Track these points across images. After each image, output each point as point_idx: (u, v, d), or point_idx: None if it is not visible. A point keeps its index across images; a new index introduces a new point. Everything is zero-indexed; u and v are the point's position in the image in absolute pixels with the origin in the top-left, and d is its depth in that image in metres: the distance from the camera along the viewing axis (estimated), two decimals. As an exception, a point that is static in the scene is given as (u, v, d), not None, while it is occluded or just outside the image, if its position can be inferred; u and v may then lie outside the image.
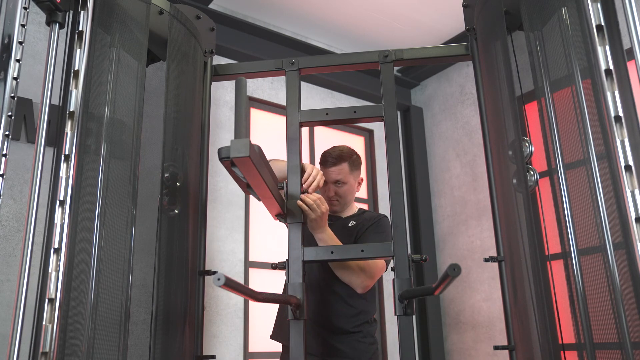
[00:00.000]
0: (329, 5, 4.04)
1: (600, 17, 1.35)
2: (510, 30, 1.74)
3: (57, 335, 1.31)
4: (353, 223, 2.15)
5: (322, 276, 2.07)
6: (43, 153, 1.41)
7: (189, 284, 1.75)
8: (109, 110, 1.56)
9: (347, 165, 2.12)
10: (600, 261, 1.28)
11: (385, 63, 2.04)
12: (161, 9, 1.78)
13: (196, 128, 1.94)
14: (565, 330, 1.43)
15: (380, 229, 2.10)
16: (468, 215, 4.37)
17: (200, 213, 1.91)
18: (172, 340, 1.63)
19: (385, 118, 1.96)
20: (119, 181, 1.54)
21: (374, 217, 2.17)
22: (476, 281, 4.22)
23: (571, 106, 1.41)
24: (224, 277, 1.12)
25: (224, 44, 3.79)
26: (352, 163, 2.14)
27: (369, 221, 2.13)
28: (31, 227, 1.35)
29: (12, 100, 1.39)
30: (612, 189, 1.28)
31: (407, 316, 1.73)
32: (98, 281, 1.41)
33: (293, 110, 2.01)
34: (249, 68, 2.16)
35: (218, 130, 3.74)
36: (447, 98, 4.72)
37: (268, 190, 1.64)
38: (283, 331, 2.04)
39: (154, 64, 1.86)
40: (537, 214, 1.51)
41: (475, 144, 4.40)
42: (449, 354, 4.34)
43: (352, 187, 2.15)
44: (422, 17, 4.17)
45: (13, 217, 2.84)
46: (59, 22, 1.54)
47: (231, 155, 1.33)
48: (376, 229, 2.09)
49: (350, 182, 2.14)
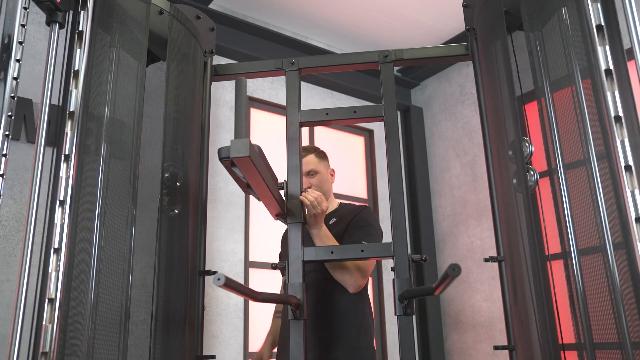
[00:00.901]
0: (329, 5, 4.04)
1: (600, 17, 1.35)
2: (510, 30, 1.74)
3: (57, 335, 1.31)
4: (334, 220, 2.15)
5: (319, 277, 2.06)
6: (43, 153, 1.41)
7: (189, 284, 1.75)
8: (109, 110, 1.56)
9: (313, 156, 2.21)
10: (600, 261, 1.28)
11: (385, 63, 2.04)
12: (161, 9, 1.78)
13: (196, 128, 1.94)
14: (565, 330, 1.43)
15: (362, 222, 2.10)
16: (468, 215, 4.37)
17: (200, 213, 1.91)
18: (172, 340, 1.63)
19: (385, 118, 1.96)
20: (119, 181, 1.54)
21: (354, 210, 2.17)
22: (476, 281, 4.22)
23: (571, 106, 1.41)
24: (224, 277, 1.13)
25: (224, 44, 3.79)
26: (318, 154, 2.24)
27: (348, 215, 2.13)
28: (31, 227, 1.35)
29: (12, 100, 1.39)
30: (612, 189, 1.28)
31: (407, 316, 1.73)
32: (98, 281, 1.41)
33: (293, 110, 2.01)
34: (249, 68, 2.16)
35: (218, 130, 3.74)
36: (447, 98, 4.71)
37: (268, 190, 1.64)
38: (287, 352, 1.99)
39: (154, 64, 1.86)
40: (537, 214, 1.51)
41: (475, 144, 4.40)
42: (449, 354, 4.34)
43: (324, 176, 2.20)
44: (422, 17, 4.17)
45: (13, 217, 2.84)
46: (59, 22, 1.53)
47: (231, 155, 1.33)
48: (359, 224, 2.09)
49: (322, 171, 2.20)
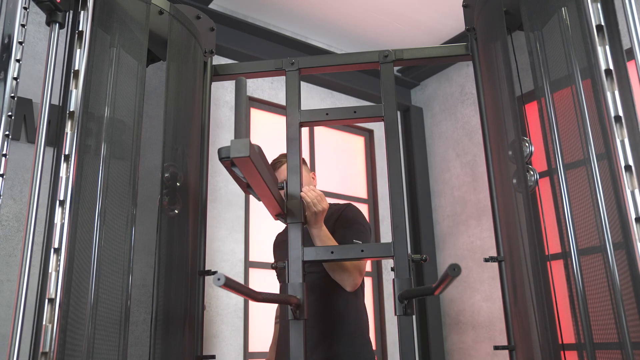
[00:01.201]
0: (329, 5, 4.04)
1: (600, 17, 1.35)
2: (510, 30, 1.74)
3: (57, 335, 1.31)
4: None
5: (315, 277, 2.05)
6: (43, 153, 1.41)
7: (189, 284, 1.75)
8: (109, 110, 1.56)
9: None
10: (600, 261, 1.28)
11: (385, 63, 2.04)
12: (161, 9, 1.78)
13: (196, 128, 1.94)
14: (565, 330, 1.43)
15: (347, 222, 2.10)
16: (468, 215, 4.37)
17: (200, 213, 1.91)
18: (172, 340, 1.63)
19: (385, 118, 1.96)
20: (119, 181, 1.54)
21: (338, 209, 2.16)
22: (476, 281, 4.22)
23: (571, 106, 1.41)
24: (224, 277, 1.12)
25: (224, 44, 3.78)
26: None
27: (333, 215, 2.13)
28: (31, 227, 1.35)
29: (12, 100, 1.39)
30: (612, 189, 1.28)
31: (407, 316, 1.73)
32: (98, 281, 1.41)
33: (293, 110, 2.01)
34: (249, 68, 2.16)
35: (218, 130, 3.74)
36: (447, 98, 4.71)
37: (268, 190, 1.64)
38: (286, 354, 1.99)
39: (154, 64, 1.86)
40: (537, 214, 1.51)
41: (475, 144, 4.40)
42: (449, 354, 4.33)
43: (307, 178, 2.18)
44: (422, 17, 4.17)
45: (13, 217, 2.84)
46: (59, 22, 1.53)
47: (231, 155, 1.33)
48: (344, 224, 2.09)
49: (304, 174, 2.17)
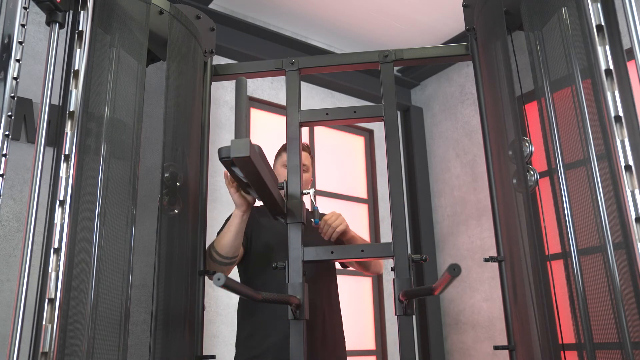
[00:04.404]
0: (329, 5, 4.04)
1: (600, 17, 1.35)
2: (510, 30, 1.74)
3: (57, 335, 1.31)
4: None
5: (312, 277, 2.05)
6: (43, 153, 1.40)
7: (189, 284, 1.75)
8: (109, 110, 1.56)
9: (308, 155, 2.19)
10: (600, 261, 1.28)
11: (385, 63, 2.04)
12: (161, 9, 1.78)
13: (196, 128, 1.94)
14: (565, 330, 1.43)
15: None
16: (468, 215, 4.37)
17: (200, 213, 1.91)
18: (172, 340, 1.62)
19: (385, 118, 1.96)
20: (119, 181, 1.54)
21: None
22: (476, 281, 4.22)
23: (571, 106, 1.41)
24: (224, 277, 1.13)
25: (224, 44, 3.79)
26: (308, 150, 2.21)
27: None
28: (31, 227, 1.35)
29: (12, 100, 1.39)
30: (612, 189, 1.28)
31: (407, 316, 1.73)
32: (98, 281, 1.41)
33: (293, 110, 2.01)
34: (249, 68, 2.16)
35: (218, 130, 3.74)
36: (447, 98, 4.71)
37: (268, 190, 1.64)
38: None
39: (154, 64, 1.86)
40: (537, 214, 1.51)
41: (475, 144, 4.40)
42: (449, 354, 4.34)
43: (310, 175, 2.19)
44: (422, 17, 4.17)
45: (13, 217, 2.84)
46: (59, 22, 1.53)
47: (231, 155, 1.33)
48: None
49: (310, 170, 2.19)
